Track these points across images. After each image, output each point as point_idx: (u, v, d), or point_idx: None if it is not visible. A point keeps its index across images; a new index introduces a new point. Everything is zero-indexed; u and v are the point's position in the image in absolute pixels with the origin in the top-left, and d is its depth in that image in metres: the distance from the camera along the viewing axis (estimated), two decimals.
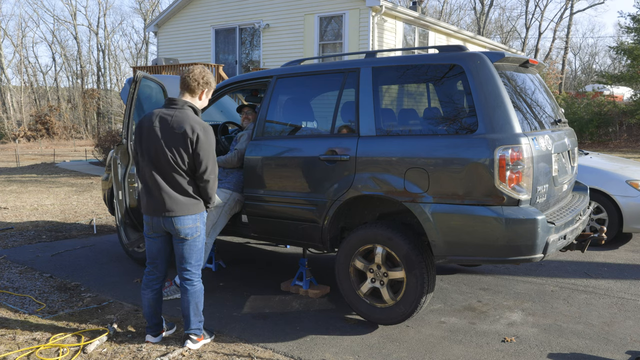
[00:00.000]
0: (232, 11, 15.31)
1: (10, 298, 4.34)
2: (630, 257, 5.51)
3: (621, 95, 23.89)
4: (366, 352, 3.36)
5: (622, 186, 5.73)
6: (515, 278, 4.82)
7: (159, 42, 17.12)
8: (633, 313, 3.97)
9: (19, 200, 9.54)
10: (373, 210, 4.02)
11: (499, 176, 3.18)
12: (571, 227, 3.59)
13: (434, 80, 3.70)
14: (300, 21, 14.07)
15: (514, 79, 3.68)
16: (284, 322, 3.83)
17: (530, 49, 39.79)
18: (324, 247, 4.02)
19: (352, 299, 3.80)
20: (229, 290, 4.54)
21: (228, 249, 5.94)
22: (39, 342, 3.50)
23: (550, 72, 27.74)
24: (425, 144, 3.46)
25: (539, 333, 3.63)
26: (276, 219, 4.13)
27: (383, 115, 3.74)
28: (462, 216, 3.29)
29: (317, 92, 4.42)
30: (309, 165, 3.90)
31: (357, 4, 13.12)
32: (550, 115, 3.98)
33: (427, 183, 3.40)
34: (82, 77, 42.75)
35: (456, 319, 3.88)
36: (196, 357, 3.29)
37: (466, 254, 3.37)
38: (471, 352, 3.35)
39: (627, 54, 20.72)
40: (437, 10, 42.28)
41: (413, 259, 3.50)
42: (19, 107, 39.04)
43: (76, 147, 28.54)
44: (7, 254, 5.68)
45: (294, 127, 4.33)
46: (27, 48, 57.56)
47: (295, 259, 5.49)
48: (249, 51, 15.39)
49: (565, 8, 36.17)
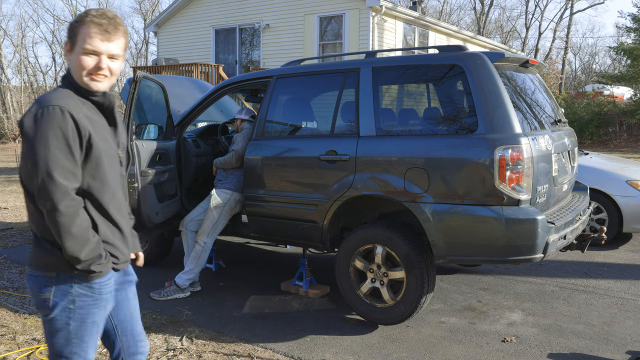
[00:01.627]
0: (232, 11, 15.30)
1: (10, 298, 4.34)
2: (630, 257, 5.51)
3: (621, 95, 23.87)
4: (366, 352, 3.36)
5: (622, 186, 5.73)
6: (515, 278, 4.82)
7: (159, 42, 17.11)
8: (633, 313, 3.97)
9: (19, 200, 9.54)
10: (373, 210, 4.02)
11: (499, 176, 3.18)
12: (571, 227, 3.59)
13: (434, 80, 3.70)
14: (300, 21, 14.07)
15: (514, 79, 3.68)
16: (284, 322, 3.83)
17: (530, 49, 39.79)
18: (324, 247, 4.02)
19: (352, 299, 3.80)
20: (229, 290, 4.54)
21: (228, 249, 5.94)
22: (39, 342, 3.50)
23: (550, 72, 27.73)
24: (426, 144, 3.46)
25: (539, 333, 3.63)
26: (276, 219, 4.13)
27: (383, 115, 3.75)
28: (462, 216, 3.29)
29: (317, 92, 4.42)
30: (309, 166, 3.90)
31: (357, 4, 13.12)
32: (550, 115, 3.98)
33: (427, 183, 3.41)
34: None
35: (456, 319, 3.88)
36: (196, 357, 3.30)
37: (466, 254, 3.37)
38: (471, 352, 3.35)
39: (627, 54, 20.71)
40: (437, 10, 42.28)
41: (413, 259, 3.50)
42: (19, 107, 39.07)
43: None
44: (7, 254, 5.68)
45: (294, 127, 4.33)
46: (27, 48, 57.56)
47: (295, 259, 5.49)
48: (249, 51, 15.39)
49: (565, 8, 36.16)
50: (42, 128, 1.69)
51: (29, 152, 1.71)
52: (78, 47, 1.77)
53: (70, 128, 1.72)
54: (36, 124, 1.70)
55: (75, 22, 1.79)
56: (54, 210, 1.70)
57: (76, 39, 1.78)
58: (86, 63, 1.77)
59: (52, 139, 1.69)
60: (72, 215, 1.72)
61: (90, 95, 1.84)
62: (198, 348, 3.43)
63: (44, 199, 1.70)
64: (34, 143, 1.70)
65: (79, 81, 1.80)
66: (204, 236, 4.34)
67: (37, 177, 1.70)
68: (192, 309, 4.09)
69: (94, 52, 1.77)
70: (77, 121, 1.74)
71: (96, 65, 1.78)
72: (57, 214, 1.70)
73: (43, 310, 1.82)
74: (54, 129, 1.70)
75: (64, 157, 1.71)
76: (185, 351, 3.37)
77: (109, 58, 1.80)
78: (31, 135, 1.70)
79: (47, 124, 1.69)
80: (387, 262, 3.67)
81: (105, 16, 1.79)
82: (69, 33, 1.81)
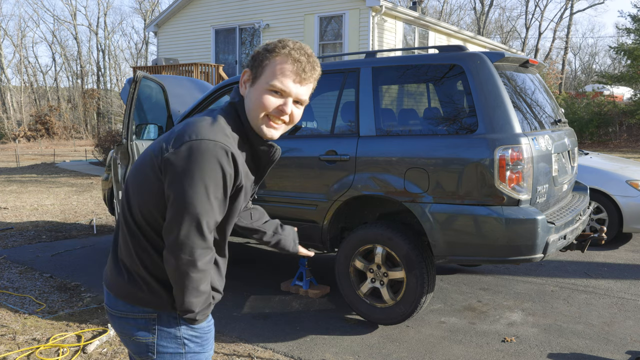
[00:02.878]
0: (232, 11, 15.30)
1: (10, 298, 4.34)
2: (630, 257, 5.51)
3: (621, 95, 23.87)
4: (366, 352, 3.36)
5: (622, 186, 5.73)
6: (515, 278, 4.82)
7: (159, 42, 17.11)
8: (633, 313, 3.97)
9: (19, 200, 9.54)
10: (373, 210, 4.02)
11: (499, 176, 3.18)
12: (571, 227, 3.59)
13: (434, 80, 3.70)
14: (300, 21, 14.06)
15: (514, 79, 3.68)
16: (284, 322, 3.83)
17: (530, 49, 39.79)
18: (324, 247, 4.02)
19: (352, 299, 3.80)
20: (229, 290, 4.54)
21: (228, 249, 5.93)
22: (39, 342, 3.50)
23: (550, 72, 27.73)
24: (425, 144, 3.46)
25: (539, 333, 3.63)
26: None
27: (383, 115, 3.74)
28: (462, 216, 3.29)
29: (317, 92, 4.42)
30: (309, 166, 3.90)
31: (357, 4, 13.12)
32: (550, 115, 3.98)
33: (427, 183, 3.40)
34: (82, 77, 42.75)
35: (456, 319, 3.88)
36: None
37: (466, 254, 3.37)
38: (471, 352, 3.35)
39: (627, 54, 20.71)
40: (437, 11, 42.28)
41: (413, 259, 3.50)
42: (19, 107, 39.05)
43: (76, 147, 28.53)
44: (7, 254, 5.68)
45: (294, 127, 4.33)
46: (27, 48, 57.61)
47: (295, 259, 5.48)
48: (249, 51, 15.38)
49: (565, 8, 36.18)
50: (198, 165, 1.39)
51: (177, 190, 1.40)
52: (264, 81, 1.47)
53: (229, 174, 1.42)
54: (190, 159, 1.39)
55: (266, 51, 1.49)
56: (192, 265, 1.43)
57: (263, 71, 1.48)
58: (269, 103, 1.47)
59: (209, 181, 1.39)
60: (207, 272, 1.47)
61: (258, 143, 1.54)
62: None
63: (182, 251, 1.41)
64: (183, 181, 1.39)
65: (253, 122, 1.50)
66: None
67: (182, 223, 1.40)
68: None
69: (282, 91, 1.47)
70: (237, 166, 1.44)
71: (280, 107, 1.48)
72: (193, 269, 1.43)
73: (146, 356, 1.54)
74: (213, 170, 1.39)
75: (217, 204, 1.43)
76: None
77: (294, 102, 1.51)
78: (180, 170, 1.40)
79: (205, 162, 1.38)
80: (387, 262, 3.67)
81: (304, 52, 1.49)
82: (254, 61, 1.51)
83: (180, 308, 1.48)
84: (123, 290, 1.52)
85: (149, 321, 1.51)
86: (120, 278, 1.53)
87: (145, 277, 1.50)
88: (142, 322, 1.52)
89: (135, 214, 1.50)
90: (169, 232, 1.42)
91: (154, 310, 1.51)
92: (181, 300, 1.47)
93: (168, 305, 1.51)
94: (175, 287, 1.47)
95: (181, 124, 1.49)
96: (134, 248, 1.51)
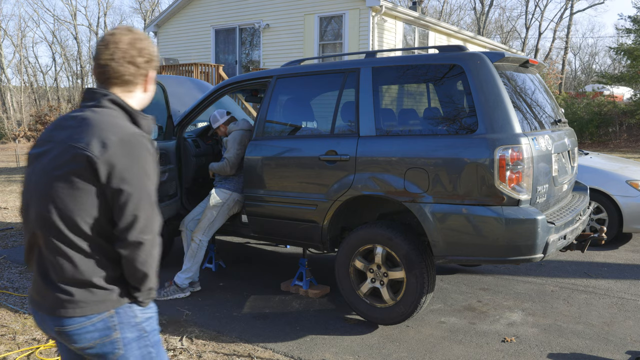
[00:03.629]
0: (232, 11, 15.30)
1: (10, 298, 4.34)
2: (630, 257, 5.51)
3: (621, 95, 23.87)
4: (366, 352, 3.36)
5: (622, 186, 5.73)
6: (515, 278, 4.82)
7: (159, 42, 17.11)
8: (633, 313, 3.97)
9: (19, 200, 9.54)
10: (373, 210, 4.02)
11: (499, 176, 3.18)
12: (571, 227, 3.59)
13: (434, 81, 3.70)
14: (300, 21, 14.06)
15: (514, 79, 3.68)
16: (284, 322, 3.83)
17: (530, 49, 39.79)
18: (324, 247, 4.02)
19: (352, 299, 3.80)
20: (229, 290, 4.54)
21: (228, 249, 5.94)
22: (39, 342, 3.50)
23: (550, 72, 27.71)
24: (425, 144, 3.46)
25: (539, 333, 3.63)
26: (276, 219, 4.13)
27: (383, 115, 3.75)
28: (462, 216, 3.29)
29: (317, 92, 4.42)
30: (309, 166, 3.90)
31: (357, 4, 13.12)
32: (550, 115, 3.98)
33: (427, 183, 3.41)
34: (82, 77, 42.75)
35: (456, 319, 3.88)
36: (196, 357, 3.30)
37: (466, 254, 3.37)
38: (471, 352, 3.35)
39: (627, 54, 20.71)
40: (437, 11, 42.29)
41: (413, 259, 3.50)
42: (19, 107, 39.05)
43: None
44: (7, 254, 5.68)
45: (294, 127, 4.33)
46: (27, 48, 57.60)
47: (295, 259, 5.48)
48: (249, 51, 15.38)
49: (565, 8, 36.16)
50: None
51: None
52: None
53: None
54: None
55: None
56: (153, 243, 1.54)
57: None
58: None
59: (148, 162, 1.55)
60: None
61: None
62: (198, 348, 3.43)
63: (146, 232, 1.51)
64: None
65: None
66: (199, 234, 4.34)
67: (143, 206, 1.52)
68: (192, 309, 4.09)
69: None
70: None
71: None
72: (154, 246, 1.54)
73: (113, 354, 1.60)
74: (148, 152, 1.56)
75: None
76: (185, 351, 3.37)
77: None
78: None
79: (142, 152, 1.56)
80: (387, 262, 3.67)
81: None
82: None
83: (146, 291, 1.59)
84: (74, 305, 1.54)
85: (108, 320, 1.57)
86: (67, 296, 1.53)
87: (98, 283, 1.55)
88: (100, 324, 1.56)
89: (72, 226, 1.51)
90: (129, 223, 1.50)
91: (110, 308, 1.57)
92: (147, 283, 1.57)
93: (121, 298, 1.59)
94: (137, 274, 1.54)
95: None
96: (80, 261, 1.53)
